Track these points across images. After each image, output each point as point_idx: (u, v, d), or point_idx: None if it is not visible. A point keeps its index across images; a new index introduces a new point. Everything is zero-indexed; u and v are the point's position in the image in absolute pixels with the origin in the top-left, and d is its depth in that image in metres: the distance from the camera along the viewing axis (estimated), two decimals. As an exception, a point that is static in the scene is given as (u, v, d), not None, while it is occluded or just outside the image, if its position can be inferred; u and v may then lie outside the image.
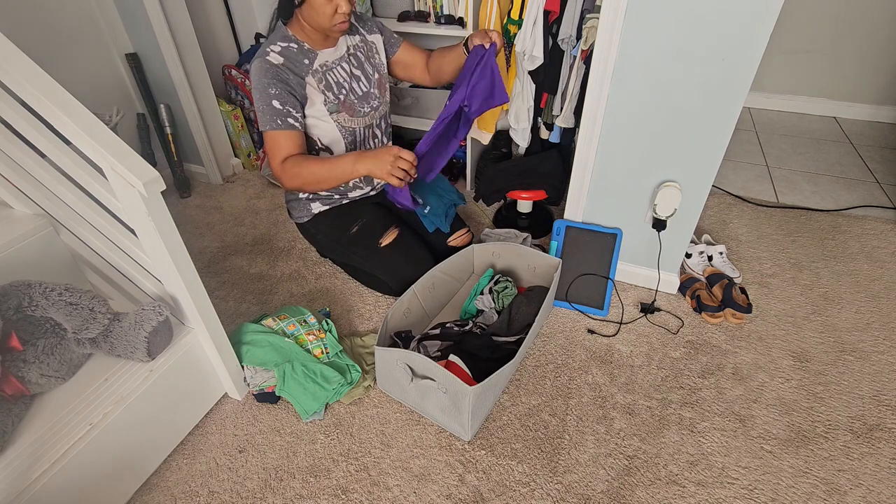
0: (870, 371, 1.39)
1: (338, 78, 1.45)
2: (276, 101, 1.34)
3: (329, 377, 1.30)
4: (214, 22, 2.35)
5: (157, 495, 1.15)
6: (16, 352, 1.01)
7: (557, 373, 1.41)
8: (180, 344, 1.17)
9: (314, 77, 1.40)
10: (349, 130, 1.49)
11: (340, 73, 1.46)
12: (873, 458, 1.19)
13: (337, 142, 1.49)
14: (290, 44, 1.38)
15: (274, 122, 1.35)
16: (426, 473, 1.18)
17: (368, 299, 1.68)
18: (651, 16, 1.22)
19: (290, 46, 1.38)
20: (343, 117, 1.46)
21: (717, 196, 2.14)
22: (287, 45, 1.38)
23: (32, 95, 0.87)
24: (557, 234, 1.64)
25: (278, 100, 1.34)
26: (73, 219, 1.24)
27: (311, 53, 1.41)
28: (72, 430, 0.99)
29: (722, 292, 1.57)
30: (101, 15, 1.91)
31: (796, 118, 2.84)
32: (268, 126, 1.36)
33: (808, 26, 2.64)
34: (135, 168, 0.90)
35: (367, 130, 1.55)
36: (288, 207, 1.68)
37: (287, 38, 1.38)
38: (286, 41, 1.38)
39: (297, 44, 1.39)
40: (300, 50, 1.39)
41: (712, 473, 1.16)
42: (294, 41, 1.39)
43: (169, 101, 2.12)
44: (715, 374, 1.39)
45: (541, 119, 1.90)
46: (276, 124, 1.35)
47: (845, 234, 1.90)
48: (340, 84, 1.46)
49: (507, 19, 1.76)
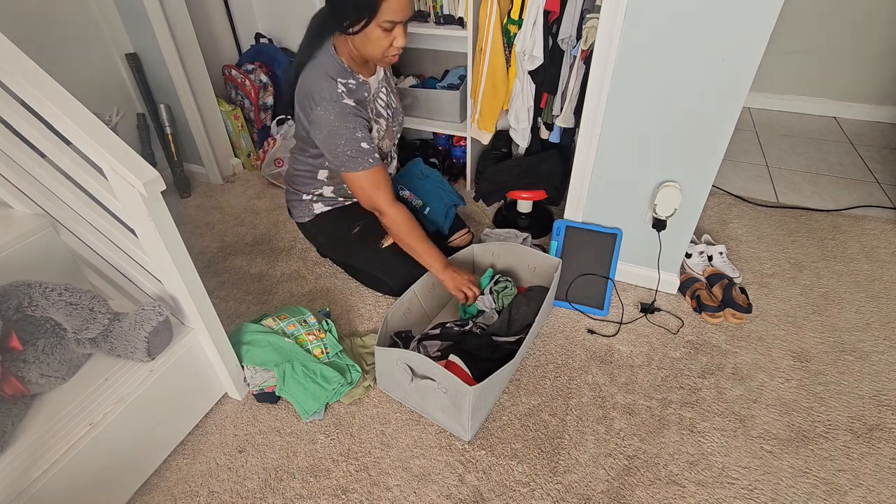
0: (870, 371, 1.39)
1: (384, 104, 1.45)
2: (364, 143, 1.33)
3: (329, 377, 1.30)
4: (214, 22, 2.35)
5: (157, 495, 1.15)
6: (16, 352, 1.01)
7: (557, 373, 1.41)
8: (180, 344, 1.17)
9: (371, 111, 1.40)
10: (382, 154, 1.52)
11: (382, 99, 1.45)
12: (873, 458, 1.19)
13: None
14: (349, 79, 1.33)
15: (367, 162, 1.34)
16: (426, 473, 1.18)
17: (368, 299, 1.68)
18: (651, 16, 1.22)
19: (350, 83, 1.33)
20: (385, 143, 1.48)
21: (717, 196, 2.14)
22: (346, 80, 1.33)
23: (32, 95, 0.87)
24: (557, 234, 1.64)
25: (366, 142, 1.33)
26: (73, 219, 1.24)
27: (365, 85, 1.38)
28: (72, 430, 0.99)
29: (722, 292, 1.57)
30: (101, 15, 1.91)
31: (796, 118, 2.84)
32: (361, 168, 1.35)
33: (808, 26, 2.64)
34: (135, 168, 0.90)
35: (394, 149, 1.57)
36: (289, 207, 1.68)
37: (344, 72, 1.33)
38: (344, 76, 1.33)
39: (353, 77, 1.34)
40: (357, 84, 1.35)
41: (712, 473, 1.16)
42: (350, 74, 1.34)
43: (169, 101, 2.12)
44: (715, 374, 1.39)
45: (541, 119, 1.91)
46: (369, 163, 1.35)
47: (845, 234, 1.90)
48: (380, 113, 1.45)
49: (507, 19, 1.76)
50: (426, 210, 1.67)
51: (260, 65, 2.34)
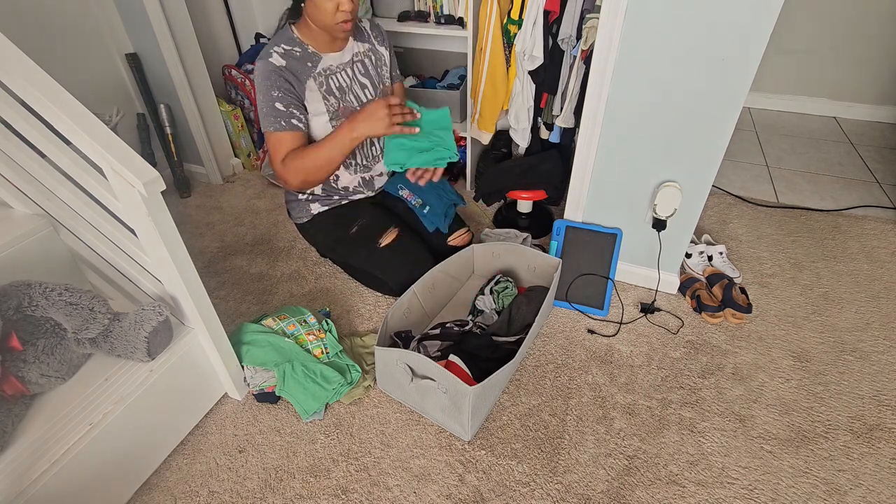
0: (870, 371, 1.39)
1: (340, 83, 1.45)
2: (279, 103, 1.34)
3: (329, 377, 1.30)
4: (214, 22, 2.35)
5: (157, 495, 1.15)
6: (16, 352, 1.01)
7: (557, 373, 1.41)
8: (180, 344, 1.17)
9: (315, 81, 1.40)
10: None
11: (343, 79, 1.46)
12: (873, 458, 1.19)
13: None
14: (294, 47, 1.37)
15: (277, 122, 1.35)
16: (426, 473, 1.18)
17: (368, 299, 1.68)
18: (651, 16, 1.22)
19: (294, 50, 1.37)
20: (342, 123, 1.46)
21: (717, 196, 2.14)
22: (291, 48, 1.37)
23: (32, 95, 0.87)
24: (557, 234, 1.64)
25: (281, 102, 1.34)
26: (73, 219, 1.24)
27: (315, 57, 1.40)
28: (72, 430, 0.99)
29: (722, 292, 1.57)
30: (101, 15, 1.91)
31: (796, 118, 2.84)
32: (271, 127, 1.36)
33: (808, 26, 2.64)
34: (135, 168, 0.90)
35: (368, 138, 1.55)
36: (288, 208, 1.68)
37: (291, 41, 1.38)
38: (290, 44, 1.37)
39: (301, 47, 1.38)
40: (303, 53, 1.38)
41: (712, 473, 1.16)
42: (298, 44, 1.38)
43: (169, 101, 2.12)
44: (715, 374, 1.39)
45: (541, 119, 1.90)
46: (280, 125, 1.35)
47: (845, 234, 1.90)
48: (343, 89, 1.45)
49: (507, 19, 1.76)
50: (425, 209, 1.66)
51: (260, 65, 2.34)
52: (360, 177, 1.60)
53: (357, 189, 1.62)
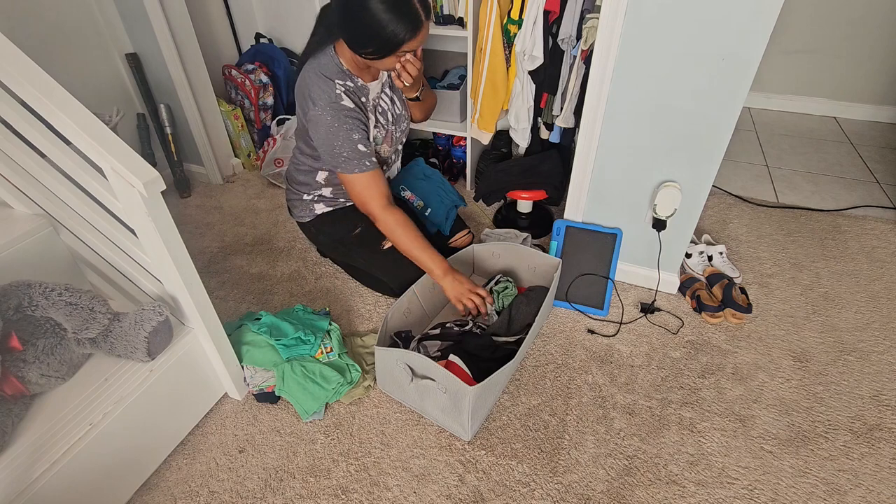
0: (870, 371, 1.39)
1: (383, 108, 1.44)
2: (361, 146, 1.32)
3: (328, 377, 1.30)
4: (214, 22, 2.35)
5: (157, 495, 1.15)
6: (16, 352, 1.01)
7: (557, 373, 1.41)
8: (180, 344, 1.17)
9: (371, 114, 1.39)
10: (383, 159, 1.51)
11: (385, 101, 1.44)
12: (873, 458, 1.19)
13: None
14: (347, 81, 1.33)
15: (363, 164, 1.33)
16: (426, 473, 1.18)
17: (368, 299, 1.68)
18: (651, 15, 1.22)
19: (348, 85, 1.32)
20: (384, 148, 1.48)
21: (717, 196, 2.14)
22: (345, 82, 1.32)
23: (32, 95, 0.87)
24: (557, 234, 1.64)
25: (363, 144, 1.32)
26: (73, 219, 1.24)
27: (365, 89, 1.37)
28: (72, 430, 0.99)
29: (722, 292, 1.57)
30: (101, 15, 1.91)
31: (796, 118, 2.84)
32: (356, 170, 1.33)
33: (808, 26, 2.64)
34: (135, 168, 0.90)
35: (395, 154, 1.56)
36: (289, 206, 1.67)
37: (343, 74, 1.32)
38: (343, 78, 1.32)
39: (352, 80, 1.33)
40: (356, 88, 1.34)
41: (712, 473, 1.16)
42: (349, 77, 1.33)
43: (169, 101, 2.12)
44: (715, 374, 1.39)
45: (541, 119, 1.90)
46: (365, 166, 1.34)
47: (845, 234, 1.90)
48: (385, 112, 1.44)
49: (507, 19, 1.76)
50: (427, 211, 1.67)
51: (260, 65, 2.34)
52: None
53: None
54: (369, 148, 1.35)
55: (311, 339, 1.35)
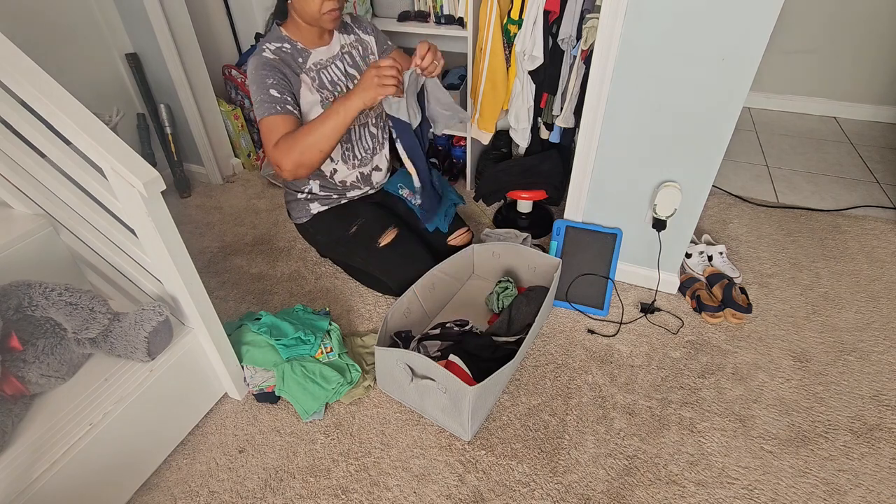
0: (870, 371, 1.39)
1: (332, 76, 1.46)
2: (273, 90, 1.33)
3: (328, 377, 1.30)
4: (214, 22, 2.35)
5: (157, 495, 1.15)
6: (16, 352, 1.01)
7: (557, 373, 1.41)
8: (180, 344, 1.17)
9: (308, 75, 1.41)
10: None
11: (335, 72, 1.47)
12: (873, 458, 1.19)
13: None
14: (284, 44, 1.39)
15: (273, 108, 1.31)
16: (426, 473, 1.18)
17: (368, 299, 1.68)
18: (651, 16, 1.22)
19: (284, 47, 1.39)
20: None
21: (717, 196, 2.14)
22: (280, 45, 1.38)
23: (32, 95, 0.87)
24: (557, 234, 1.64)
25: (276, 88, 1.33)
26: (73, 219, 1.24)
27: (305, 52, 1.41)
28: (72, 430, 0.99)
29: (722, 292, 1.57)
30: (101, 15, 1.91)
31: (796, 118, 2.84)
32: (266, 112, 1.31)
33: (808, 26, 2.64)
34: (135, 168, 0.90)
35: (363, 129, 1.55)
36: (287, 208, 1.68)
37: (281, 39, 1.39)
38: (280, 41, 1.39)
39: (291, 44, 1.40)
40: (293, 49, 1.40)
41: (712, 473, 1.16)
42: (287, 41, 1.40)
43: (169, 101, 2.12)
44: (715, 374, 1.39)
45: (541, 119, 1.90)
46: (275, 110, 1.31)
47: (845, 234, 1.90)
48: (335, 82, 1.46)
49: (507, 19, 1.76)
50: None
51: (260, 65, 2.34)
52: (357, 171, 1.60)
53: (355, 184, 1.62)
54: (284, 95, 1.34)
55: (311, 339, 1.35)
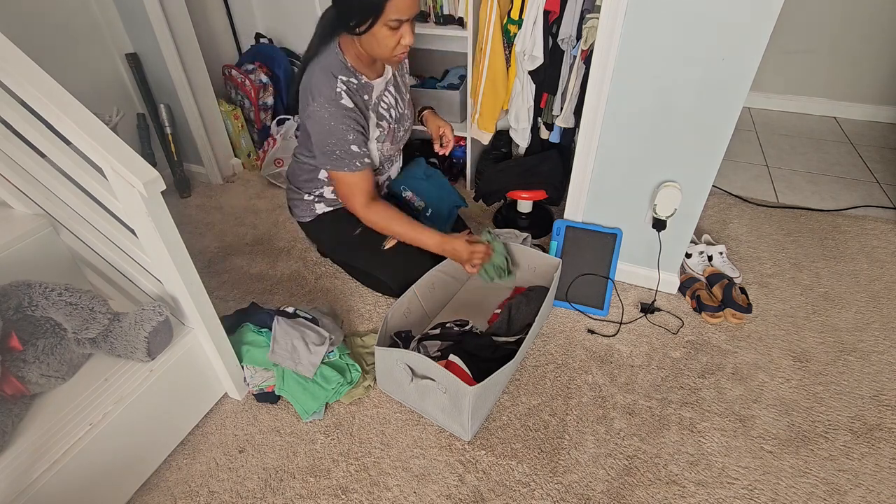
0: (870, 371, 1.39)
1: (387, 106, 1.44)
2: (354, 146, 1.33)
3: (328, 377, 1.30)
4: (214, 22, 2.35)
5: (157, 495, 1.15)
6: (16, 352, 1.01)
7: (557, 373, 1.41)
8: (180, 344, 1.17)
9: (374, 112, 1.39)
10: (387, 157, 1.51)
11: (389, 101, 1.44)
12: (873, 458, 1.19)
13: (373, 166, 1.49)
14: (351, 78, 1.32)
15: (353, 165, 1.34)
16: (426, 473, 1.18)
17: (368, 299, 1.68)
18: (651, 16, 1.22)
19: (351, 82, 1.32)
20: (386, 146, 1.47)
21: (717, 196, 2.14)
22: (348, 79, 1.31)
23: (32, 95, 0.87)
24: (557, 234, 1.64)
25: (356, 144, 1.33)
26: (73, 219, 1.24)
27: (368, 87, 1.37)
28: (72, 430, 0.99)
29: (722, 292, 1.57)
30: (101, 15, 1.91)
31: (796, 118, 2.84)
32: (346, 168, 1.34)
33: (808, 26, 2.64)
34: (135, 168, 0.90)
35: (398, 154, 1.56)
36: (290, 205, 1.67)
37: (346, 70, 1.32)
38: (346, 74, 1.31)
39: (356, 77, 1.33)
40: (359, 85, 1.34)
41: (712, 473, 1.16)
42: (353, 73, 1.32)
43: (169, 101, 2.12)
44: (715, 374, 1.39)
45: (541, 119, 1.91)
46: (356, 167, 1.35)
47: (845, 234, 1.90)
48: (388, 108, 1.44)
49: (507, 19, 1.76)
50: (428, 212, 1.66)
51: (260, 65, 2.34)
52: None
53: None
54: (362, 149, 1.35)
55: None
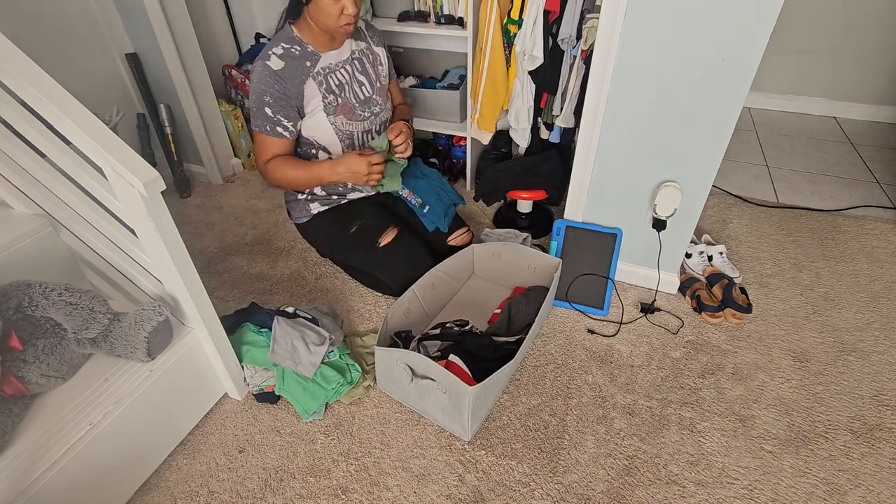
0: (870, 371, 1.39)
1: (339, 80, 1.46)
2: (268, 109, 1.37)
3: (328, 377, 1.30)
4: (214, 22, 2.35)
5: (157, 495, 1.15)
6: (16, 352, 1.01)
7: (557, 373, 1.41)
8: (180, 344, 1.17)
9: (315, 80, 1.41)
10: (346, 133, 1.49)
11: (342, 76, 1.47)
12: (873, 458, 1.19)
13: (334, 143, 1.49)
14: (294, 46, 1.39)
15: (263, 127, 1.40)
16: (426, 473, 1.18)
17: (368, 299, 1.68)
18: (651, 16, 1.22)
19: (293, 49, 1.39)
20: (340, 120, 1.46)
21: (717, 196, 2.14)
22: (290, 47, 1.39)
23: (32, 95, 0.87)
24: (557, 234, 1.64)
25: (270, 108, 1.37)
26: (73, 219, 1.24)
27: (315, 56, 1.42)
28: (72, 430, 0.99)
29: (722, 292, 1.57)
30: (101, 15, 1.91)
31: (796, 118, 2.84)
32: (257, 128, 1.41)
33: (808, 26, 2.64)
34: (135, 168, 0.90)
35: (366, 135, 1.55)
36: (287, 208, 1.68)
37: (291, 40, 1.40)
38: (290, 43, 1.39)
39: (301, 46, 1.40)
40: (303, 52, 1.40)
41: (712, 473, 1.16)
42: (298, 43, 1.40)
43: (169, 101, 2.12)
44: (715, 374, 1.39)
45: (541, 119, 1.90)
46: (266, 130, 1.40)
47: (845, 234, 1.90)
48: (341, 86, 1.46)
49: (507, 19, 1.76)
50: (425, 209, 1.66)
51: (260, 65, 2.34)
52: None
53: (356, 188, 1.62)
54: (277, 116, 1.39)
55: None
